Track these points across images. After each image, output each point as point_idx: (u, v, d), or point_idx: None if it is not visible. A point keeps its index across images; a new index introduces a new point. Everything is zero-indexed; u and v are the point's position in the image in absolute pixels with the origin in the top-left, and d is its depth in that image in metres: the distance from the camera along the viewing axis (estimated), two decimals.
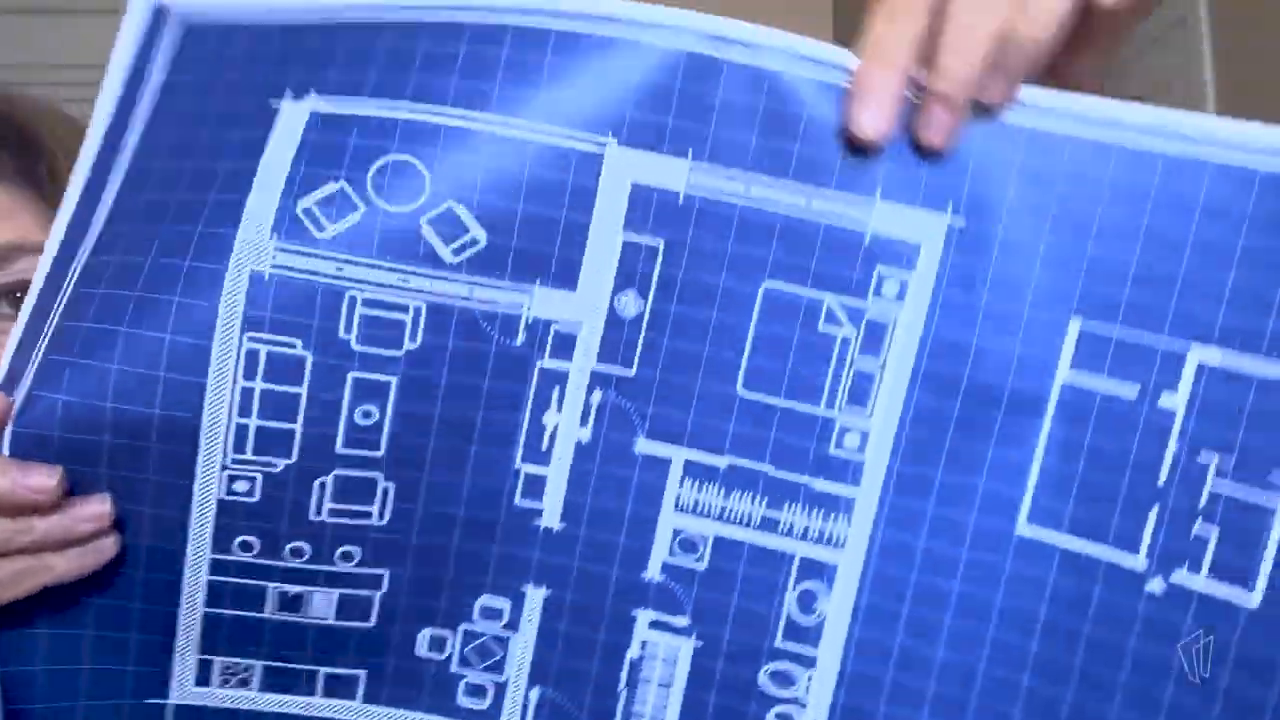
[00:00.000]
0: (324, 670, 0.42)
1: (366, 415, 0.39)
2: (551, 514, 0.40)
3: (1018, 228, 0.37)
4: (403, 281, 0.38)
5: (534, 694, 0.42)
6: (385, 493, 0.40)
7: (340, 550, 0.40)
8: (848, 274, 0.37)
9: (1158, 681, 0.36)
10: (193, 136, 0.40)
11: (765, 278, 0.38)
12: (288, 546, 0.40)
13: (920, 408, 0.38)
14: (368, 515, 0.40)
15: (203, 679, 0.42)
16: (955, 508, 0.38)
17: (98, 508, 0.39)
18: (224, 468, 0.39)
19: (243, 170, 0.39)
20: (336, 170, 0.38)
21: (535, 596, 0.41)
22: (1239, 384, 0.35)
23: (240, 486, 0.39)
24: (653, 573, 0.40)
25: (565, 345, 0.39)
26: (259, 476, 0.39)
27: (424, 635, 0.42)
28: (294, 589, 0.41)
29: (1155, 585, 0.36)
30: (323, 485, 0.39)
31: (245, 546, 0.40)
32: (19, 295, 0.53)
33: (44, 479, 0.38)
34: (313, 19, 0.40)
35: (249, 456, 0.39)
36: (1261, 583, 0.35)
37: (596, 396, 0.39)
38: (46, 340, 0.39)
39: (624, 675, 0.41)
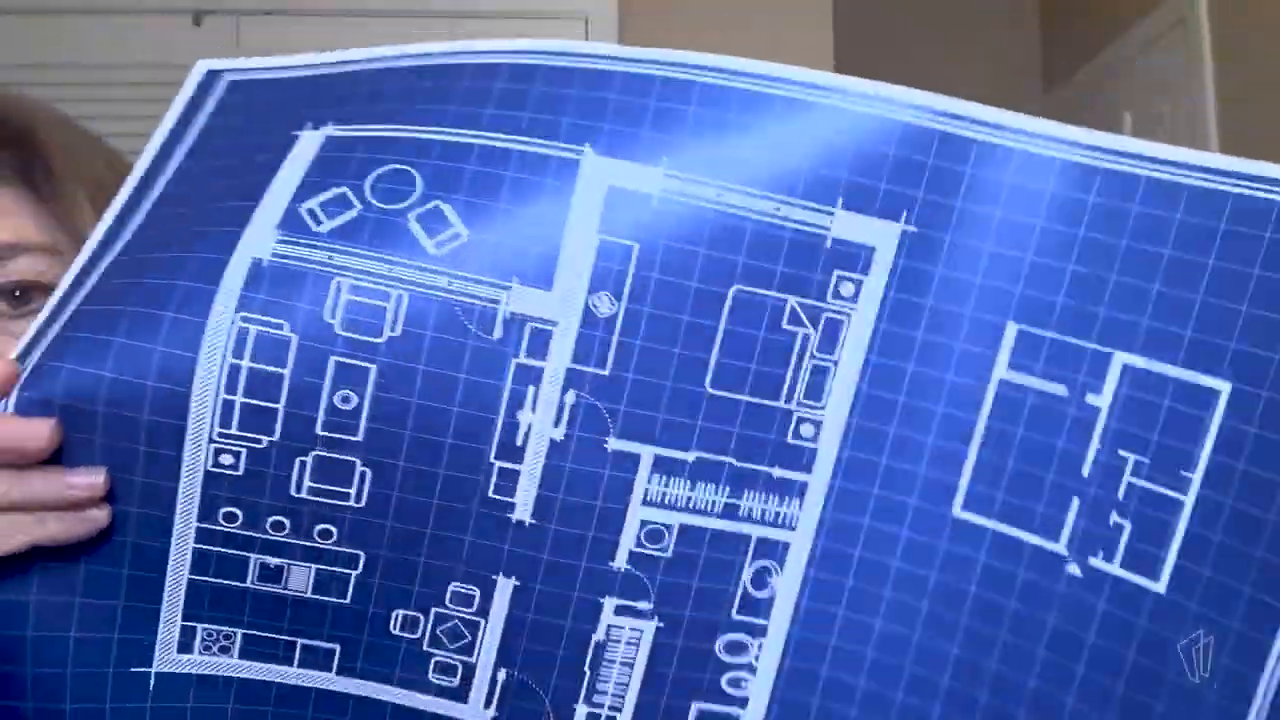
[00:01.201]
0: (301, 641, 0.43)
1: (345, 400, 0.40)
2: (524, 508, 0.41)
3: (964, 235, 0.40)
4: (387, 270, 0.40)
5: (501, 674, 0.43)
6: (363, 477, 0.41)
7: (319, 528, 0.42)
8: (809, 276, 0.40)
9: (1072, 655, 0.40)
10: (221, 164, 0.44)
11: (735, 281, 0.40)
12: (269, 520, 0.41)
13: (869, 398, 0.41)
14: (346, 496, 0.41)
15: (185, 645, 0.43)
16: (897, 491, 0.41)
17: (92, 478, 0.40)
18: (211, 440, 0.40)
19: (259, 183, 0.42)
20: (340, 179, 0.41)
21: (505, 586, 0.42)
22: (1157, 389, 0.38)
23: (225, 460, 0.40)
24: (620, 563, 0.42)
25: (541, 342, 0.40)
26: (243, 451, 0.40)
27: (397, 615, 0.43)
28: (274, 561, 0.42)
29: (1074, 569, 0.39)
30: (303, 464, 0.41)
31: (229, 517, 0.41)
32: (17, 294, 0.54)
33: (40, 426, 0.39)
34: (334, 70, 0.44)
35: (234, 431, 0.40)
36: (1167, 572, 0.38)
37: (570, 396, 0.40)
38: (63, 321, 0.41)
39: (589, 657, 0.43)
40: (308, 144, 0.41)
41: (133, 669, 0.43)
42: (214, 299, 0.40)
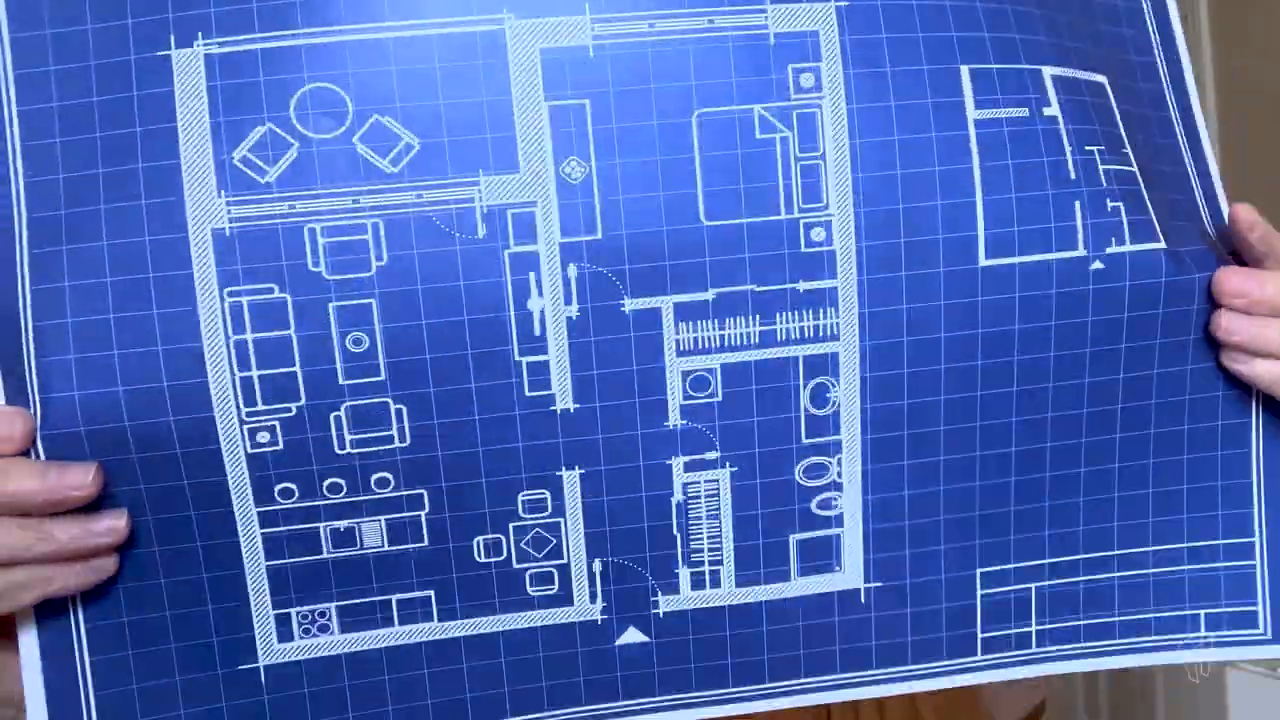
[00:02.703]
0: (394, 597, 0.43)
1: (357, 342, 0.39)
2: (563, 396, 0.41)
3: None
4: (354, 203, 0.39)
5: (596, 565, 0.43)
6: (399, 414, 0.40)
7: (374, 478, 0.41)
8: (766, 79, 0.40)
9: (1115, 338, 0.42)
10: (86, 102, 0.39)
11: (695, 107, 0.40)
12: (324, 484, 0.41)
13: (868, 182, 0.40)
14: (390, 439, 0.41)
15: (284, 634, 0.42)
16: (925, 265, 0.41)
17: (113, 521, 0.39)
18: (242, 423, 0.40)
19: (160, 131, 0.39)
20: (257, 112, 0.38)
21: (571, 478, 0.42)
22: (1078, 89, 0.42)
23: (263, 438, 0.40)
24: (674, 420, 0.41)
25: (526, 226, 0.40)
26: (277, 424, 0.40)
27: (478, 542, 0.42)
28: (343, 524, 0.41)
29: (1097, 264, 0.41)
30: (338, 419, 0.40)
31: (286, 493, 0.41)
32: None
33: (80, 475, 0.38)
34: None
35: (261, 407, 0.40)
36: (1159, 229, 0.42)
37: (572, 270, 0.40)
38: (31, 343, 0.39)
39: (674, 520, 0.42)
40: (187, 69, 0.38)
41: (240, 668, 0.42)
42: (193, 283, 0.39)
